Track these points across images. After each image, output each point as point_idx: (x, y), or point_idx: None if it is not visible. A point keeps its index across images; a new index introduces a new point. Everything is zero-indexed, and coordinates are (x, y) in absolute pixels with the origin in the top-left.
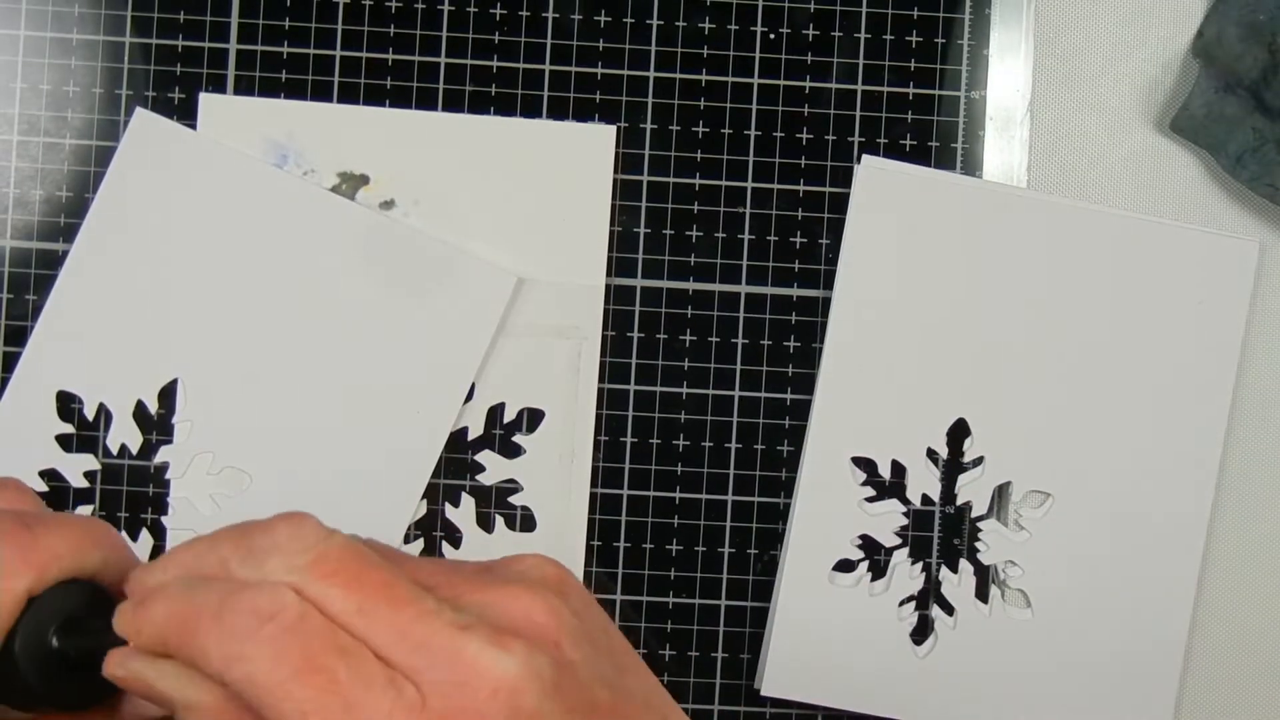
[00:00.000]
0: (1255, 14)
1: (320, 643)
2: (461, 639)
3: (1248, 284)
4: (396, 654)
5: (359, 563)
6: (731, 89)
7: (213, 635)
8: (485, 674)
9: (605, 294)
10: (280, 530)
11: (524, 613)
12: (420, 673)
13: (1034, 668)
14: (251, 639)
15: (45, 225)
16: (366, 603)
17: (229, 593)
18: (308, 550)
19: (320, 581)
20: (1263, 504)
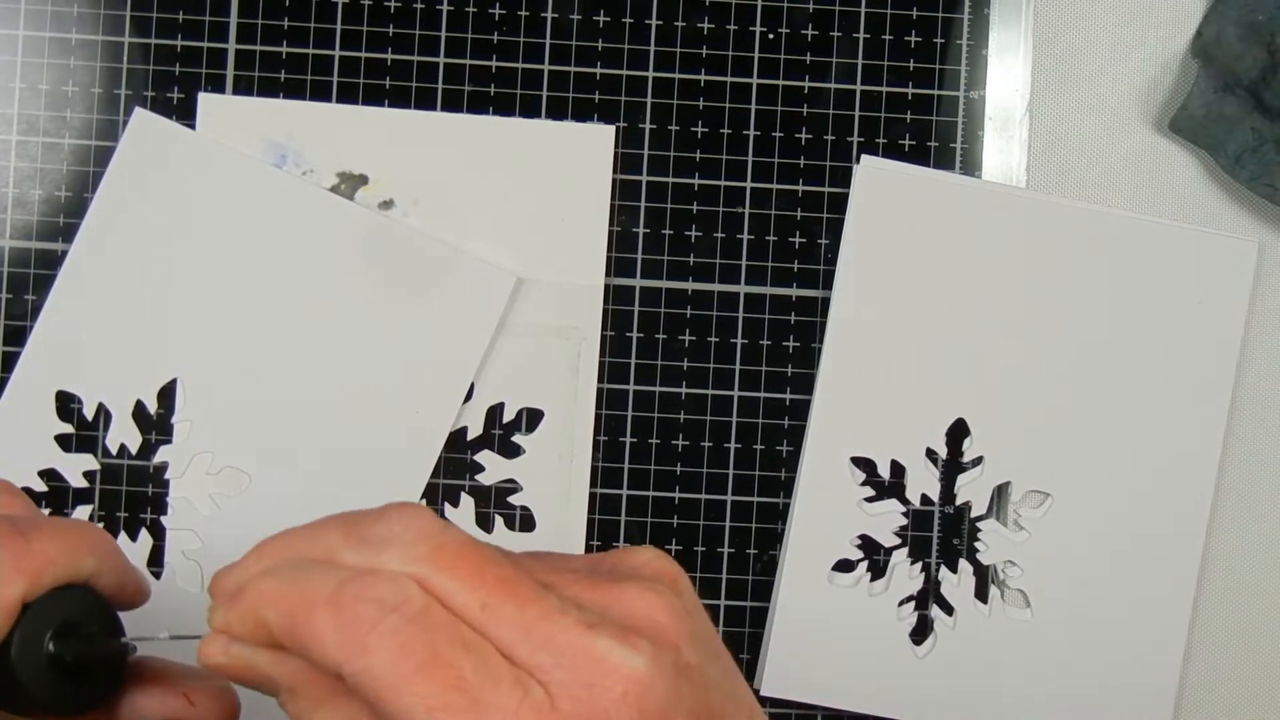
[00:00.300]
0: (1254, 14)
1: (445, 637)
2: (589, 637)
3: (1247, 284)
4: (521, 652)
5: (479, 557)
6: (730, 89)
7: (329, 625)
8: (614, 674)
9: (604, 294)
10: (395, 518)
11: (646, 612)
12: (546, 671)
13: (1033, 668)
14: (374, 631)
15: (44, 225)
16: (491, 598)
17: (345, 581)
18: (426, 540)
19: (442, 574)
20: (1262, 503)
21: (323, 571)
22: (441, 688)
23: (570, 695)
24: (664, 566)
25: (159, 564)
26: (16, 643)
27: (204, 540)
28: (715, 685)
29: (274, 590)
